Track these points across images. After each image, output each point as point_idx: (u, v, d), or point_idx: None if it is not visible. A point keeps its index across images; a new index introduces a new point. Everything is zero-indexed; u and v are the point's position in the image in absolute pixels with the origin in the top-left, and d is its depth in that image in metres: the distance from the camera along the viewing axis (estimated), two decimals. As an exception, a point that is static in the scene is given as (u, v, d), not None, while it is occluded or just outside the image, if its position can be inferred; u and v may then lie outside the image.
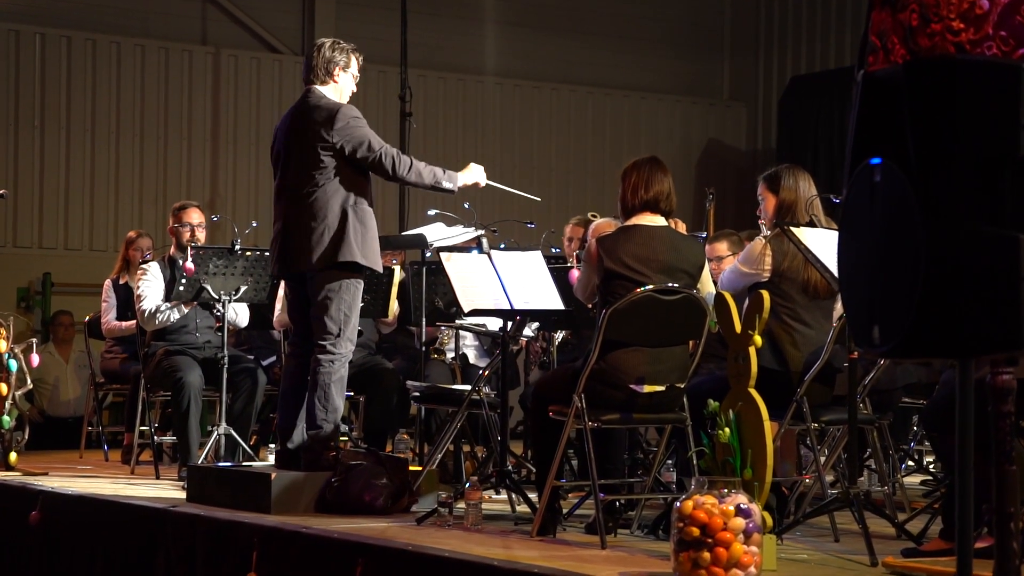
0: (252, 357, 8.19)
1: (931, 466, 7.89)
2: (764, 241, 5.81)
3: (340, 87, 6.55)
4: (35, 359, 8.07)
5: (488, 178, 6.73)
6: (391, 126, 11.72)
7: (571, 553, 5.23)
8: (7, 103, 12.20)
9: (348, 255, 6.31)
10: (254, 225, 9.21)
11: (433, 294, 7.83)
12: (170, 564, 6.01)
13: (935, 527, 5.47)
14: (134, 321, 8.35)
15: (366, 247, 6.38)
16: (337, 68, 6.53)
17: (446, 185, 6.53)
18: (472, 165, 6.71)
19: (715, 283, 6.10)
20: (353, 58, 6.59)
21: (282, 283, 7.95)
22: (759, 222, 6.05)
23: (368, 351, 8.15)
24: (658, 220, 5.81)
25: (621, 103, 14.91)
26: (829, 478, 6.12)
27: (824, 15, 14.88)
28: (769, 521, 4.74)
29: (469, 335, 8.57)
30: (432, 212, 7.53)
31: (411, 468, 6.52)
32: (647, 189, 5.79)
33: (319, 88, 6.51)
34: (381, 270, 6.61)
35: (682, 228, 6.47)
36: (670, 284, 5.61)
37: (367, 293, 6.51)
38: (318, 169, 6.35)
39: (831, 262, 5.31)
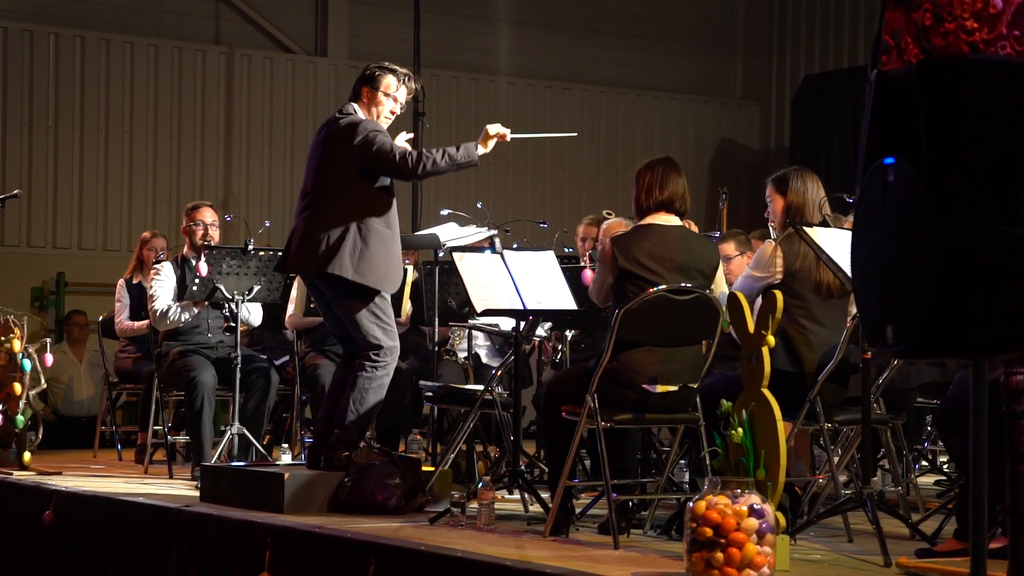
0: (265, 357, 8.20)
1: (945, 466, 7.87)
2: (774, 244, 5.78)
3: (374, 107, 6.47)
4: (49, 359, 8.08)
5: (513, 133, 6.45)
6: (404, 126, 11.67)
7: (584, 553, 5.22)
8: (21, 103, 12.22)
9: (338, 268, 6.23)
10: (267, 225, 9.25)
11: (446, 294, 7.83)
12: (183, 563, 6.02)
13: (949, 527, 5.45)
14: (146, 321, 8.36)
15: (363, 265, 6.25)
16: (374, 88, 6.44)
17: (468, 162, 6.35)
18: (488, 128, 6.42)
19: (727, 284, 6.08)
20: (393, 79, 6.46)
21: (295, 284, 7.99)
22: (768, 224, 6.03)
23: (381, 351, 8.14)
24: (673, 220, 5.80)
25: (634, 103, 14.89)
26: (843, 478, 6.11)
27: (837, 14, 14.85)
28: (782, 521, 4.73)
29: (481, 335, 8.57)
30: (445, 212, 7.52)
31: (424, 468, 6.52)
32: (662, 189, 5.77)
33: (352, 104, 6.49)
34: (384, 289, 6.38)
35: (694, 229, 6.46)
36: (684, 284, 5.60)
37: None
38: (334, 182, 6.34)
39: (844, 262, 5.29)
